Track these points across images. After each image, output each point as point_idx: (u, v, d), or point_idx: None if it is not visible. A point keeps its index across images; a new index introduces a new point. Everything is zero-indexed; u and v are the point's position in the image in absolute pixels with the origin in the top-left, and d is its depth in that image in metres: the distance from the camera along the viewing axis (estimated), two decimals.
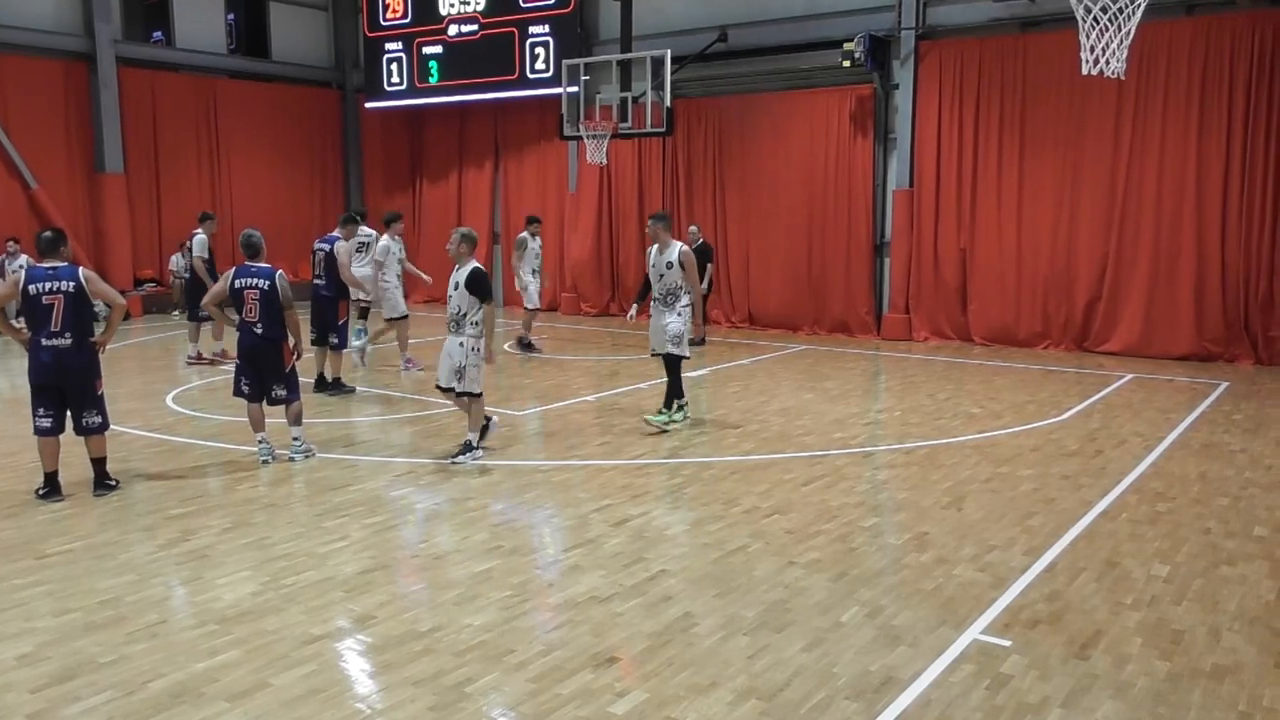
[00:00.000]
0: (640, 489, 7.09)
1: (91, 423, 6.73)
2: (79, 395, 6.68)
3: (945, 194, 14.28)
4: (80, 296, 6.53)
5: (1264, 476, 7.31)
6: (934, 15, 14.20)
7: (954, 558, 5.60)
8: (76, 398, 6.68)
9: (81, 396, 6.69)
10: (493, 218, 19.60)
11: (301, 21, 20.64)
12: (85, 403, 6.70)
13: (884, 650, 4.44)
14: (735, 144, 16.06)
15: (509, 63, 17.63)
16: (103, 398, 6.81)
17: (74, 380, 6.63)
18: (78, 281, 6.53)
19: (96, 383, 6.74)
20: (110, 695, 4.03)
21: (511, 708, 3.96)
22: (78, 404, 6.69)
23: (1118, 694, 4.05)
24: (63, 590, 5.14)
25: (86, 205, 17.40)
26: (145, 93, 17.98)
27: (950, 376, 11.62)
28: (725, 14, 15.62)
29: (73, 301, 6.51)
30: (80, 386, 6.67)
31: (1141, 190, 12.84)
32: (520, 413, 9.58)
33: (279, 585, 5.20)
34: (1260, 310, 12.27)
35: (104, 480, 6.88)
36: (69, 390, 6.66)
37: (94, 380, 6.73)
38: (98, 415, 6.76)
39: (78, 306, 6.54)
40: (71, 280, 6.52)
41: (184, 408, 9.77)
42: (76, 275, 6.55)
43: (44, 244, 6.71)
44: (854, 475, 7.42)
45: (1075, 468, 7.53)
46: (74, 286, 6.51)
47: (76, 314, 6.54)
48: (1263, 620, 4.78)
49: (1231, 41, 12.13)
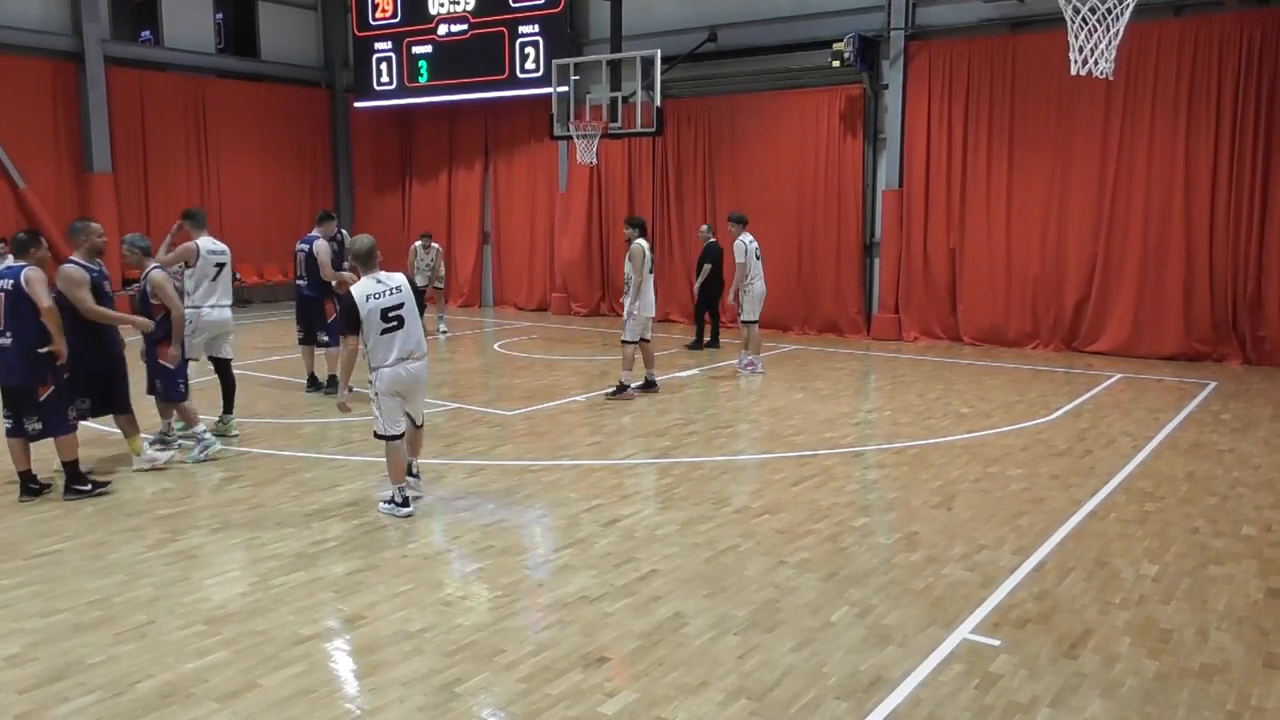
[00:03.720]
0: (630, 489, 7.08)
1: (32, 428, 6.56)
2: (17, 398, 6.54)
3: (935, 194, 14.32)
4: (19, 296, 6.38)
5: (1252, 476, 7.35)
6: (923, 15, 14.24)
7: (943, 557, 5.62)
8: (15, 400, 6.55)
9: (20, 400, 6.53)
10: (483, 218, 19.57)
11: (290, 21, 20.56)
12: (24, 407, 6.54)
13: (874, 650, 4.44)
14: (725, 144, 16.07)
15: (499, 62, 17.61)
16: (49, 404, 6.54)
17: (13, 381, 6.52)
18: (16, 281, 6.39)
19: (39, 388, 6.50)
20: (99, 696, 4.01)
21: (501, 708, 3.95)
22: (17, 407, 6.55)
23: (1106, 693, 4.07)
24: (50, 591, 5.11)
25: (75, 205, 17.26)
26: (133, 92, 17.88)
27: (940, 376, 11.65)
28: (715, 14, 15.63)
29: (11, 301, 6.40)
30: (19, 389, 6.53)
31: (1130, 190, 12.89)
32: (510, 413, 9.57)
33: (268, 585, 5.18)
34: (1248, 310, 12.33)
35: (71, 485, 6.69)
36: (10, 392, 6.56)
37: (34, 385, 6.49)
38: (38, 421, 6.54)
39: (16, 306, 6.39)
40: (12, 279, 6.41)
41: None
42: (18, 275, 6.41)
43: (16, 245, 6.68)
44: (844, 475, 7.43)
45: (1064, 467, 7.56)
46: (12, 285, 6.39)
47: (14, 314, 6.40)
48: (1251, 619, 4.80)
49: (1220, 42, 12.19)
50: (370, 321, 6.15)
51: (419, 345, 6.35)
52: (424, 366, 6.42)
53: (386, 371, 6.22)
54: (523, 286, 19.09)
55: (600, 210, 17.63)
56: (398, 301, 6.23)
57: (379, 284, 6.23)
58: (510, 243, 19.18)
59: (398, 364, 6.24)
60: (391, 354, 6.20)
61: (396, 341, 6.22)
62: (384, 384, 6.23)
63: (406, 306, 6.28)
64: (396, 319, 6.22)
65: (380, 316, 6.17)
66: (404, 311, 6.25)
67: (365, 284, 6.23)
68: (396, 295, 6.24)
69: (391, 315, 6.20)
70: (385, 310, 6.18)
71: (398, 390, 6.29)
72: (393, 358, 6.21)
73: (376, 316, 6.16)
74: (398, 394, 6.31)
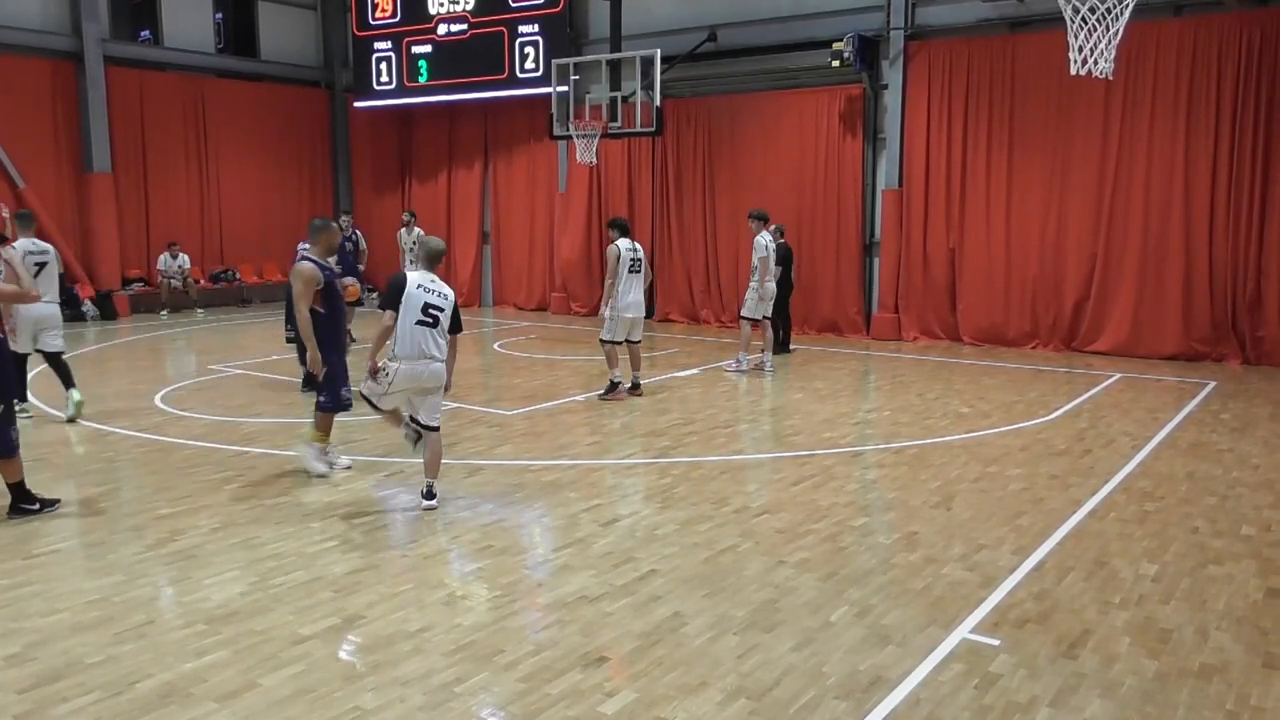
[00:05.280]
0: (630, 489, 7.08)
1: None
2: None
3: (934, 194, 14.32)
4: None
5: (1251, 476, 7.35)
6: (923, 15, 14.24)
7: (943, 557, 5.62)
8: None
9: None
10: (482, 217, 19.57)
11: (290, 21, 20.56)
12: None
13: (873, 650, 4.44)
14: (725, 144, 16.06)
15: (498, 62, 17.61)
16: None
17: None
18: None
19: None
20: (98, 696, 4.01)
21: (501, 707, 3.95)
22: None
23: (1106, 693, 4.07)
24: (50, 591, 5.11)
25: (74, 205, 17.30)
26: (133, 92, 17.89)
27: (939, 376, 11.65)
28: (714, 14, 15.63)
29: None
30: None
31: (1130, 190, 12.90)
32: (509, 412, 9.57)
33: (267, 585, 5.18)
34: (1248, 310, 12.33)
35: (17, 504, 6.29)
36: None
37: None
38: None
39: None
40: None
41: (172, 407, 9.72)
42: None
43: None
44: (843, 475, 7.43)
45: (1064, 467, 7.56)
46: None
47: None
48: (1250, 619, 4.80)
49: (1219, 42, 12.19)
50: (409, 305, 6.32)
51: (442, 351, 6.46)
52: (444, 369, 6.50)
53: (405, 367, 6.37)
54: (522, 286, 19.09)
55: (600, 210, 17.63)
56: (441, 305, 6.43)
57: (433, 283, 6.48)
58: (510, 242, 19.17)
59: (421, 360, 6.37)
60: (418, 347, 6.34)
61: (426, 338, 6.35)
62: (400, 378, 6.40)
63: (446, 313, 6.44)
64: (433, 317, 6.39)
65: (421, 307, 6.35)
66: (442, 315, 6.43)
67: (420, 275, 6.48)
68: (444, 299, 6.46)
69: (431, 311, 6.38)
70: (428, 305, 6.37)
71: (410, 387, 6.45)
72: (418, 351, 6.35)
73: (418, 304, 6.35)
74: (410, 391, 6.48)
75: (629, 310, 10.09)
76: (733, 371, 11.76)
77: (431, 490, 6.53)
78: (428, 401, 6.53)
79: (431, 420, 6.56)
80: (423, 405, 6.53)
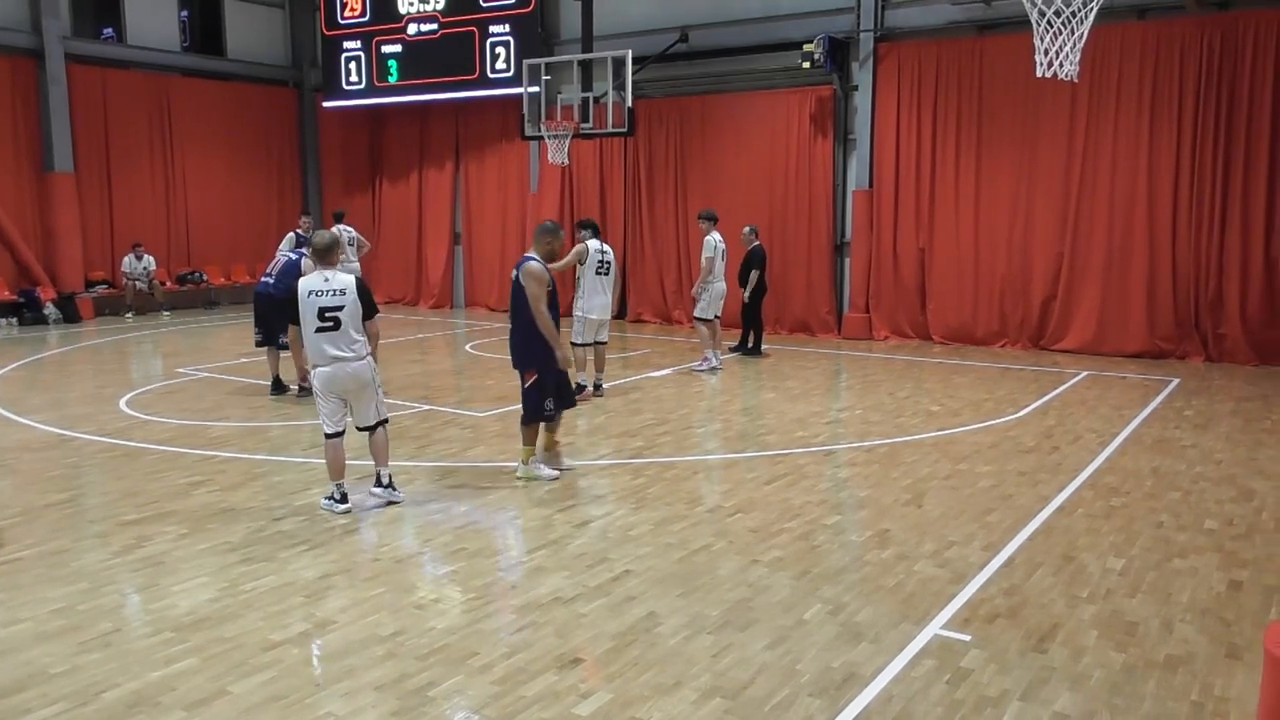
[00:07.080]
0: (603, 489, 7.08)
1: None
2: None
3: (904, 194, 14.44)
4: None
5: (1214, 471, 7.48)
6: (892, 18, 14.35)
7: (914, 554, 5.66)
8: None
9: None
10: (454, 218, 19.47)
11: (257, 19, 20.34)
12: None
13: (846, 647, 4.47)
14: (696, 144, 16.10)
15: (469, 62, 17.52)
16: None
17: None
18: None
19: None
20: (63, 706, 3.94)
21: (475, 711, 3.93)
22: None
23: (1074, 685, 4.12)
24: (12, 600, 5.01)
25: (35, 205, 17.00)
26: (96, 91, 17.61)
27: (910, 375, 11.75)
28: (686, 15, 15.66)
29: None
30: None
31: (1095, 191, 13.08)
32: (482, 414, 9.52)
33: (237, 591, 5.12)
34: (1210, 308, 12.54)
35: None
36: None
37: None
38: None
39: None
40: None
41: (138, 412, 9.59)
42: None
43: None
44: (816, 474, 7.47)
45: (1032, 464, 7.65)
46: None
47: None
48: (1214, 611, 4.88)
49: (1181, 45, 12.39)
50: (306, 316, 6.29)
51: (354, 349, 6.34)
52: (364, 367, 6.41)
53: (323, 371, 6.35)
54: (494, 287, 18.97)
55: (572, 210, 17.57)
56: (337, 304, 6.29)
57: (325, 282, 6.33)
58: (481, 243, 19.08)
59: (333, 364, 6.31)
60: (325, 354, 6.30)
61: (329, 342, 6.29)
62: (320, 383, 6.39)
63: (346, 309, 6.31)
64: (332, 320, 6.29)
65: (317, 315, 6.27)
66: (342, 314, 6.29)
67: (313, 279, 6.38)
68: (338, 297, 6.30)
69: (328, 315, 6.28)
70: (323, 309, 6.28)
71: (335, 391, 6.40)
72: (327, 357, 6.30)
73: (313, 313, 6.28)
74: (336, 394, 6.41)
75: (594, 312, 10.11)
76: (703, 371, 11.79)
77: (380, 479, 6.56)
78: (360, 403, 6.51)
79: (365, 422, 6.54)
80: (355, 407, 6.52)
